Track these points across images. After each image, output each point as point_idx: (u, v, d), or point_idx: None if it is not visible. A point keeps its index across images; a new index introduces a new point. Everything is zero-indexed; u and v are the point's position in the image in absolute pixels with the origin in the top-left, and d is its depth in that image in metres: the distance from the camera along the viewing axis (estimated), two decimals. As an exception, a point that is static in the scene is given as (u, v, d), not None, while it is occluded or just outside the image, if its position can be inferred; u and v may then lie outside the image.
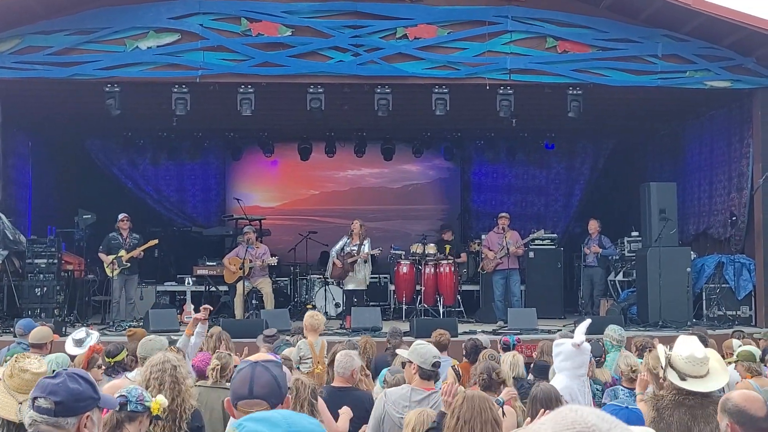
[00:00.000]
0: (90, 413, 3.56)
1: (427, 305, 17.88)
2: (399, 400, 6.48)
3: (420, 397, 6.47)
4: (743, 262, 16.84)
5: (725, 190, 18.01)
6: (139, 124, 20.34)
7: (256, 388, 3.52)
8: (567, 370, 6.76)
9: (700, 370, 5.50)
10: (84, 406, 3.54)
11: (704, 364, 5.54)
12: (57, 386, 3.52)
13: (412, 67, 15.72)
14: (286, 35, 15.53)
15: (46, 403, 3.50)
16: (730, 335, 12.27)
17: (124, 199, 21.93)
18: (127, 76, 15.47)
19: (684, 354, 5.53)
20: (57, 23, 15.31)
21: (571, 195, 23.93)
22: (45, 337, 9.55)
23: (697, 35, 15.95)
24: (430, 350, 6.74)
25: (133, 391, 4.96)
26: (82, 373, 3.71)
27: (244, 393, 3.52)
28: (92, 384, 3.63)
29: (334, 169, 23.87)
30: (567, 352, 6.82)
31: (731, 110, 17.77)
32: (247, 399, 3.49)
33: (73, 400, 3.50)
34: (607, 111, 19.04)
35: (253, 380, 3.54)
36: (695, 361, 5.50)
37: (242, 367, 3.63)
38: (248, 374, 3.56)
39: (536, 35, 15.90)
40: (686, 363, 5.50)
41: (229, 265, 17.47)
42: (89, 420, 3.54)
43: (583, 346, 6.86)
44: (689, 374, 5.48)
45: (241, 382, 3.55)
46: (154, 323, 15.08)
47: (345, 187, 24.32)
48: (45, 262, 16.80)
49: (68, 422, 3.50)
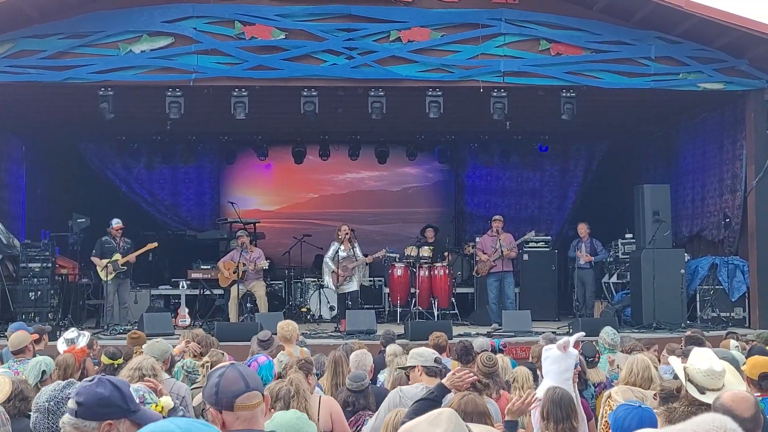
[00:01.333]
0: (115, 422, 3.45)
1: (421, 308, 17.87)
2: (415, 398, 6.53)
3: None
4: (737, 264, 16.87)
5: (718, 192, 18.04)
6: (133, 128, 20.32)
7: (251, 381, 3.59)
8: (553, 373, 6.78)
9: (717, 383, 5.51)
10: (108, 413, 3.44)
11: (721, 377, 5.56)
12: (85, 388, 3.48)
13: (405, 70, 15.73)
14: (280, 38, 15.53)
15: (72, 404, 3.48)
16: (723, 336, 12.28)
17: (118, 202, 21.93)
18: (121, 80, 15.45)
19: (703, 368, 5.52)
20: (50, 27, 15.28)
21: (565, 197, 23.95)
22: (22, 342, 9.49)
23: (690, 37, 15.99)
24: (427, 350, 6.94)
25: (134, 394, 4.93)
26: (117, 380, 3.61)
27: (241, 388, 3.55)
28: (123, 393, 3.52)
29: (332, 173, 23.89)
30: (554, 357, 6.84)
31: (724, 112, 17.81)
32: (247, 392, 3.54)
33: (95, 404, 3.43)
34: (600, 113, 19.07)
35: (244, 375, 3.61)
36: (714, 375, 5.50)
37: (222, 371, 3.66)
38: (236, 372, 3.62)
39: (529, 38, 15.91)
40: (705, 377, 5.50)
41: (224, 269, 17.47)
42: (113, 428, 3.44)
43: (570, 351, 6.87)
44: (708, 388, 5.48)
45: (234, 380, 3.58)
46: (149, 327, 15.06)
47: (344, 191, 24.34)
48: (39, 266, 16.77)
49: (87, 425, 3.42)
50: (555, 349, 6.88)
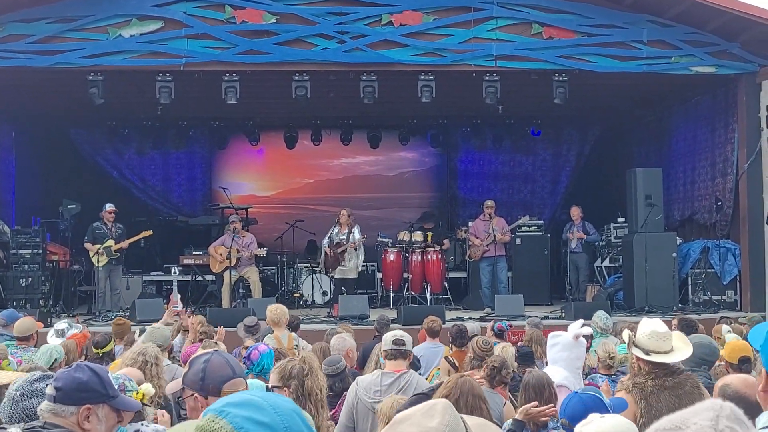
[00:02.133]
0: (93, 407, 3.48)
1: (414, 293, 17.86)
2: (370, 386, 6.53)
3: (390, 380, 6.51)
4: (728, 247, 16.89)
5: (710, 175, 18.04)
6: (123, 114, 20.26)
7: (236, 368, 3.65)
8: (563, 361, 6.76)
9: (663, 345, 5.64)
10: (85, 397, 3.48)
11: (667, 339, 5.69)
12: (63, 374, 3.54)
13: (397, 54, 15.67)
14: (271, 23, 15.46)
15: (50, 389, 3.50)
16: (717, 320, 12.28)
17: (109, 188, 21.83)
18: (111, 65, 15.36)
19: (646, 330, 5.65)
20: (39, 11, 15.19)
21: (558, 181, 23.94)
22: (29, 329, 9.50)
23: (682, 20, 15.95)
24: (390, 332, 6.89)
25: (114, 382, 4.90)
26: (95, 366, 3.66)
27: (229, 374, 3.58)
28: (101, 377, 3.56)
29: (325, 158, 23.87)
30: (564, 344, 6.82)
31: (716, 96, 17.79)
32: (233, 378, 3.57)
33: (73, 389, 3.46)
34: (592, 97, 19.04)
35: (229, 361, 3.67)
36: (657, 336, 5.65)
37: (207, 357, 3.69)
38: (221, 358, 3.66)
39: (522, 21, 15.87)
40: (649, 338, 5.64)
41: (216, 254, 17.43)
42: (91, 413, 3.47)
43: (580, 339, 6.88)
44: (653, 350, 5.61)
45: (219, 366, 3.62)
46: (141, 313, 15.05)
47: (339, 176, 24.30)
48: (30, 253, 16.75)
49: (66, 410, 3.44)
50: (564, 336, 6.87)
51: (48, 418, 3.46)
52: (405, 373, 6.54)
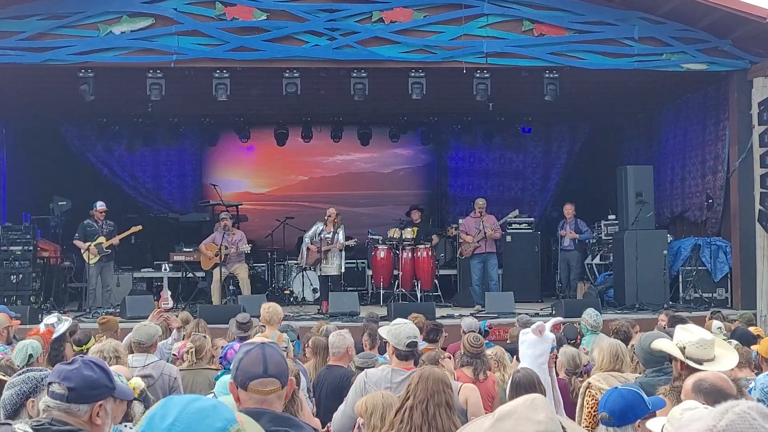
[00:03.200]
0: (103, 402, 3.55)
1: (404, 290, 17.87)
2: (380, 381, 6.50)
3: (401, 378, 6.48)
4: (719, 245, 16.91)
5: (701, 173, 18.07)
6: (114, 110, 20.20)
7: (271, 367, 3.51)
8: (528, 357, 6.78)
9: (710, 353, 5.55)
10: (97, 394, 3.53)
11: (712, 346, 5.61)
12: (71, 372, 3.53)
13: (388, 50, 15.66)
14: (261, 19, 15.44)
15: (60, 388, 3.50)
16: (708, 317, 12.27)
17: (99, 185, 21.81)
18: (101, 62, 15.32)
19: (694, 339, 5.56)
20: (29, 8, 15.13)
21: (548, 179, 23.94)
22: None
23: (673, 17, 15.96)
24: (404, 330, 6.72)
25: None
26: (98, 361, 3.72)
27: (258, 372, 3.50)
28: (107, 373, 3.63)
29: (316, 155, 23.82)
30: (530, 341, 6.83)
31: (707, 93, 17.82)
32: (262, 377, 3.48)
33: (86, 387, 3.50)
34: (583, 94, 19.03)
35: (266, 359, 3.53)
36: (706, 344, 5.56)
37: (250, 348, 3.61)
38: (260, 353, 3.55)
39: (512, 18, 15.86)
40: (698, 348, 5.54)
41: (206, 251, 17.42)
42: (102, 409, 3.54)
43: (546, 335, 6.86)
44: (703, 359, 5.51)
45: (254, 362, 3.53)
46: (131, 310, 15.05)
47: (333, 173, 24.30)
48: (20, 249, 16.73)
49: (80, 409, 3.49)
50: (531, 333, 6.87)
51: (58, 416, 3.49)
52: (415, 371, 6.54)
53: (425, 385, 5.26)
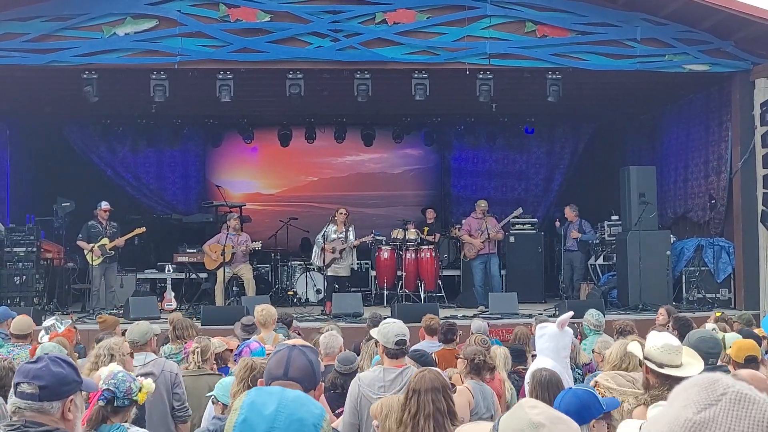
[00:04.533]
0: (74, 396, 3.54)
1: (408, 291, 17.89)
2: (374, 382, 6.51)
3: (393, 376, 6.50)
4: (722, 245, 16.92)
5: (704, 173, 18.08)
6: (117, 111, 20.23)
7: (292, 370, 3.56)
8: (550, 351, 6.81)
9: (675, 359, 5.53)
10: (68, 390, 3.52)
11: (678, 353, 5.58)
12: (41, 371, 3.50)
13: (391, 52, 15.68)
14: (265, 21, 15.47)
15: (30, 388, 3.47)
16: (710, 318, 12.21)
17: (103, 186, 21.82)
18: (105, 63, 15.35)
19: (659, 344, 5.57)
20: (34, 10, 15.18)
21: (551, 179, 23.95)
22: (28, 328, 9.49)
23: (676, 19, 15.98)
24: (393, 329, 6.71)
25: (120, 386, 4.88)
26: (64, 356, 3.70)
27: (279, 374, 3.56)
28: (74, 367, 3.61)
29: (319, 156, 23.82)
30: (551, 334, 6.88)
31: (710, 94, 17.82)
32: (282, 380, 3.52)
33: (57, 384, 3.48)
34: (586, 95, 19.04)
35: (289, 362, 3.59)
36: (671, 350, 5.53)
37: (280, 349, 3.70)
38: (285, 356, 3.62)
39: (515, 19, 15.88)
40: (661, 352, 5.53)
41: (210, 252, 17.43)
42: (72, 403, 3.53)
43: (566, 329, 6.91)
44: (666, 363, 5.51)
45: (278, 363, 3.60)
46: (135, 311, 15.06)
47: (338, 174, 24.32)
48: (24, 251, 16.76)
49: (53, 406, 3.47)
50: (551, 327, 6.92)
51: (31, 416, 3.46)
52: (407, 368, 6.55)
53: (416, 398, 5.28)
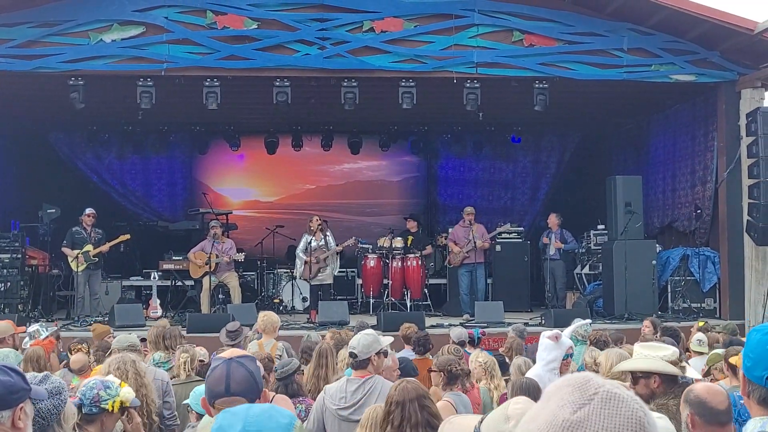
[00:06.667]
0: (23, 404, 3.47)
1: (394, 299, 17.89)
2: (336, 393, 6.57)
3: (354, 387, 6.53)
4: (708, 255, 16.96)
5: (690, 183, 18.13)
6: (104, 118, 20.18)
7: (233, 385, 3.49)
8: (542, 360, 6.89)
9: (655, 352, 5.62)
10: (18, 398, 3.45)
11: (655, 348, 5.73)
12: None
13: (378, 60, 15.69)
14: (252, 28, 15.46)
15: None
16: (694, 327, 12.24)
17: (88, 193, 21.77)
18: (92, 69, 15.32)
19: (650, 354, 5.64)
20: (20, 15, 15.13)
21: (538, 188, 23.98)
22: (5, 332, 9.46)
23: (662, 29, 16.04)
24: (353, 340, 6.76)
25: (87, 393, 4.81)
26: (11, 365, 3.64)
27: (221, 391, 3.49)
28: (23, 376, 3.55)
29: (307, 164, 23.77)
30: (545, 344, 6.95)
31: (696, 104, 17.89)
32: (225, 397, 3.46)
33: (6, 393, 3.41)
34: (573, 104, 19.09)
35: (229, 377, 3.50)
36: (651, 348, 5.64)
37: (216, 364, 3.59)
38: (223, 371, 3.52)
39: (503, 29, 15.92)
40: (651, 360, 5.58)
41: (195, 260, 17.37)
42: (23, 411, 3.45)
43: (562, 341, 6.93)
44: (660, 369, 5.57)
45: (217, 380, 3.52)
46: (120, 318, 15.02)
47: (341, 181, 24.33)
48: (9, 257, 16.68)
49: (2, 415, 3.40)
50: (545, 339, 6.97)
51: None
52: (369, 378, 6.55)
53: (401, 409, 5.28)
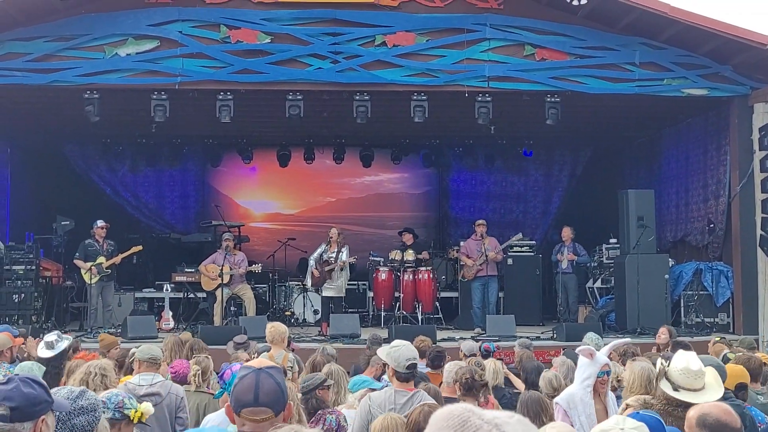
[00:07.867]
0: (45, 417, 3.48)
1: (405, 312, 17.86)
2: (384, 403, 6.51)
3: (404, 399, 6.51)
4: (721, 269, 16.91)
5: (702, 197, 18.10)
6: (118, 131, 20.26)
7: (262, 396, 3.44)
8: (578, 378, 6.89)
9: (695, 383, 5.51)
10: (39, 410, 3.46)
11: (699, 377, 5.55)
12: (11, 392, 3.44)
13: (390, 74, 15.74)
14: (266, 42, 15.54)
15: (1, 409, 3.42)
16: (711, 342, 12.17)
17: (102, 205, 21.83)
18: (106, 83, 15.42)
19: (679, 366, 5.56)
20: (36, 30, 15.25)
21: (550, 202, 23.96)
22: (2, 345, 9.48)
23: (675, 43, 16.05)
24: (403, 353, 6.72)
25: (113, 398, 4.87)
26: (34, 377, 3.67)
27: (249, 400, 3.44)
28: (45, 388, 3.55)
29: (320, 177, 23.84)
30: (581, 362, 6.96)
31: (708, 118, 17.87)
32: (253, 407, 3.42)
33: (29, 405, 3.42)
34: (584, 118, 19.10)
35: (258, 387, 3.45)
36: (689, 374, 5.52)
37: (245, 373, 3.53)
38: (253, 381, 3.47)
39: (514, 43, 15.95)
40: (680, 374, 5.52)
41: (206, 273, 17.40)
42: (44, 423, 3.46)
43: (597, 358, 6.92)
44: (682, 386, 5.50)
45: (246, 389, 3.47)
46: (132, 330, 15.06)
47: (361, 194, 24.43)
48: (23, 269, 16.76)
49: (24, 427, 3.40)
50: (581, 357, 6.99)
51: None
52: (417, 393, 6.57)
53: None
